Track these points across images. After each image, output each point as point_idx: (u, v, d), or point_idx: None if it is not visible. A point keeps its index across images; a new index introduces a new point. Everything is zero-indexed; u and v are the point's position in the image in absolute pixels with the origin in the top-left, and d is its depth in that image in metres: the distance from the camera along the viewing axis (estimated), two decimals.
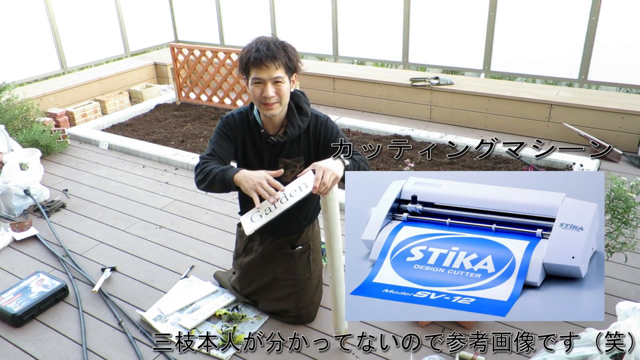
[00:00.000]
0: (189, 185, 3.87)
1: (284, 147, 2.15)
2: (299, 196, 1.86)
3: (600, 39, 4.64)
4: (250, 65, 1.94)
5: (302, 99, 2.13)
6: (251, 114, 2.14)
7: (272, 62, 1.91)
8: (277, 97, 1.97)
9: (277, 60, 1.92)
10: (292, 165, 2.18)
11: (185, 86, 5.62)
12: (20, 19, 5.52)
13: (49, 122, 4.60)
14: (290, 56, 1.97)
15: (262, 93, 1.96)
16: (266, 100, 1.97)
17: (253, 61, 1.92)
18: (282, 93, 1.98)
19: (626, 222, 2.42)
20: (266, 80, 1.94)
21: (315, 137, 2.16)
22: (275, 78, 1.95)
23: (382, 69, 5.88)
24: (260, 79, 1.94)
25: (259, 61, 1.91)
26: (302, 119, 2.11)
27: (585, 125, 4.37)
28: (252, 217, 1.91)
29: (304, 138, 2.16)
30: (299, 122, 2.09)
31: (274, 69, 1.93)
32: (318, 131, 2.16)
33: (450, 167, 4.01)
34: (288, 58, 1.96)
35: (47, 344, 2.36)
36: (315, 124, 2.16)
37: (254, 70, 1.94)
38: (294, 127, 2.09)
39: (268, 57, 1.91)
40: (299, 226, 2.37)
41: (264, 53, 1.90)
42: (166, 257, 2.99)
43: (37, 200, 3.51)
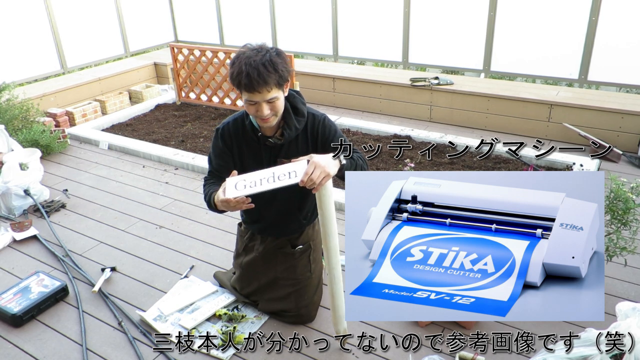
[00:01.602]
0: (189, 185, 3.87)
1: (282, 148, 2.15)
2: (286, 182, 1.80)
3: (601, 39, 4.64)
4: (241, 89, 1.90)
5: (297, 99, 2.12)
6: (247, 119, 2.14)
7: (263, 87, 1.85)
8: (272, 112, 1.96)
9: (268, 84, 1.86)
10: None
11: (185, 86, 5.62)
12: (20, 19, 5.51)
13: (49, 122, 4.60)
14: (282, 73, 1.88)
15: (257, 112, 1.94)
16: (262, 116, 1.96)
17: (244, 87, 1.87)
18: (277, 108, 1.97)
19: (626, 224, 2.42)
20: (260, 102, 1.91)
21: (314, 137, 2.16)
22: (269, 99, 1.91)
23: (382, 69, 5.88)
24: (253, 101, 1.91)
25: (251, 87, 1.86)
26: (298, 119, 2.10)
27: (585, 125, 4.37)
28: (237, 185, 1.86)
29: (302, 138, 2.16)
30: (295, 123, 2.09)
31: (267, 92, 1.88)
32: (316, 130, 2.15)
33: (450, 167, 4.01)
34: (279, 76, 1.89)
35: (47, 344, 2.36)
36: (313, 123, 2.16)
37: (245, 93, 1.91)
38: (291, 128, 2.08)
39: (259, 83, 1.84)
40: (300, 226, 2.37)
41: (255, 80, 1.83)
42: (166, 257, 2.99)
43: (37, 200, 3.51)
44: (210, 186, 2.16)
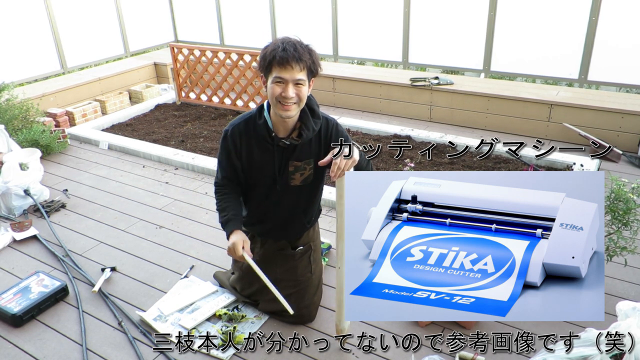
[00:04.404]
0: (189, 185, 3.87)
1: (295, 150, 2.13)
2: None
3: (600, 39, 4.63)
4: (274, 63, 1.90)
5: (313, 101, 2.12)
6: (260, 118, 2.11)
7: (297, 63, 1.88)
8: (296, 97, 1.95)
9: (302, 62, 1.89)
10: (302, 168, 2.17)
11: (185, 86, 5.62)
12: (20, 19, 5.51)
13: (49, 122, 4.60)
14: (315, 60, 1.95)
15: (282, 92, 1.93)
16: (285, 100, 1.94)
17: (278, 60, 1.88)
18: (302, 95, 1.96)
19: (626, 224, 2.42)
20: (288, 81, 1.91)
21: (327, 140, 2.15)
22: (297, 80, 1.92)
23: (382, 69, 5.88)
24: (282, 78, 1.91)
25: (285, 61, 1.87)
26: (315, 121, 2.10)
27: (585, 125, 4.37)
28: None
29: (314, 140, 2.15)
30: (313, 125, 2.08)
31: (298, 70, 1.90)
32: (329, 134, 2.15)
33: (450, 167, 4.01)
34: (312, 62, 1.94)
35: (47, 344, 2.36)
36: (327, 127, 2.15)
37: (276, 69, 1.90)
38: (309, 129, 2.07)
39: (294, 57, 1.87)
40: (303, 229, 2.37)
41: (290, 53, 1.87)
42: (166, 257, 2.99)
43: (37, 200, 3.51)
44: (225, 200, 2.20)
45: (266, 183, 2.21)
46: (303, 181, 2.20)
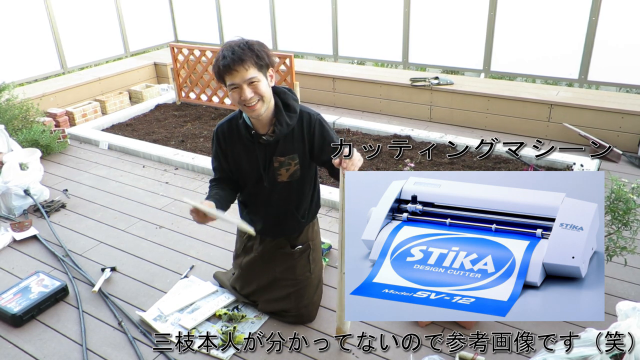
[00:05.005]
0: (189, 185, 3.87)
1: (277, 146, 2.15)
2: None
3: (600, 39, 4.63)
4: (222, 73, 1.95)
5: (288, 95, 2.13)
6: (240, 118, 2.17)
7: (240, 65, 1.91)
8: (256, 96, 1.97)
9: (244, 62, 1.91)
10: (287, 163, 2.18)
11: (185, 86, 5.62)
12: (20, 19, 5.51)
13: (49, 122, 4.60)
14: (258, 54, 1.95)
15: (241, 96, 1.96)
16: (246, 102, 1.97)
17: (223, 69, 1.93)
18: (261, 91, 1.98)
19: (626, 224, 2.42)
20: (240, 84, 1.94)
21: (310, 136, 2.16)
22: (249, 79, 1.94)
23: (382, 69, 5.88)
24: (234, 83, 1.95)
25: (228, 67, 1.91)
26: (290, 115, 2.11)
27: (585, 125, 4.37)
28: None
29: (297, 135, 2.16)
30: (286, 119, 2.09)
31: (244, 70, 1.92)
32: (312, 130, 2.15)
33: (450, 167, 4.01)
34: (256, 56, 1.94)
35: (47, 344, 2.36)
36: (309, 122, 2.16)
37: (227, 77, 1.95)
38: (282, 125, 2.09)
39: (235, 61, 1.90)
40: (298, 225, 2.37)
41: (230, 59, 1.90)
42: (166, 257, 2.99)
43: (37, 200, 3.51)
44: (212, 188, 2.26)
45: (254, 181, 2.25)
46: (290, 177, 2.21)
